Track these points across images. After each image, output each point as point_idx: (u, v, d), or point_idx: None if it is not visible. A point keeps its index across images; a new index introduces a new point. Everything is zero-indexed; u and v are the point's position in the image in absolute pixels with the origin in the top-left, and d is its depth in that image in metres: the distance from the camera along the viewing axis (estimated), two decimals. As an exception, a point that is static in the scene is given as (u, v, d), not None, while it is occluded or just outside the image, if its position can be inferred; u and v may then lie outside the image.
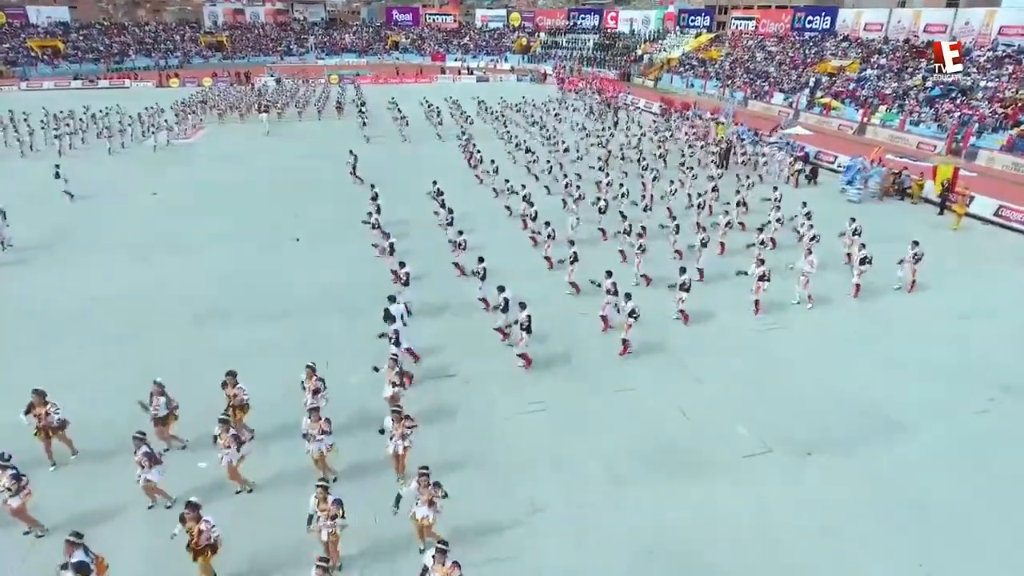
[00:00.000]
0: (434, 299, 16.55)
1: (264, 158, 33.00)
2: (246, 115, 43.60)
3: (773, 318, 15.91)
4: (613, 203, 22.17)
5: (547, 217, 19.77)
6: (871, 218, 22.66)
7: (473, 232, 21.20)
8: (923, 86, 44.18)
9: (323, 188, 27.17)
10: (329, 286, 17.34)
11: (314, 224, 22.48)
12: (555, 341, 14.47)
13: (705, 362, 13.77)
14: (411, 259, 18.67)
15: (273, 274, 18.35)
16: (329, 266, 18.79)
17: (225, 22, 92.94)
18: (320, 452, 9.98)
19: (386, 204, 22.99)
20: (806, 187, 28.16)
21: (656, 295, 16.54)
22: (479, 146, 30.22)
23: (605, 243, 20.44)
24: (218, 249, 20.33)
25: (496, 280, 15.66)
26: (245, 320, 15.62)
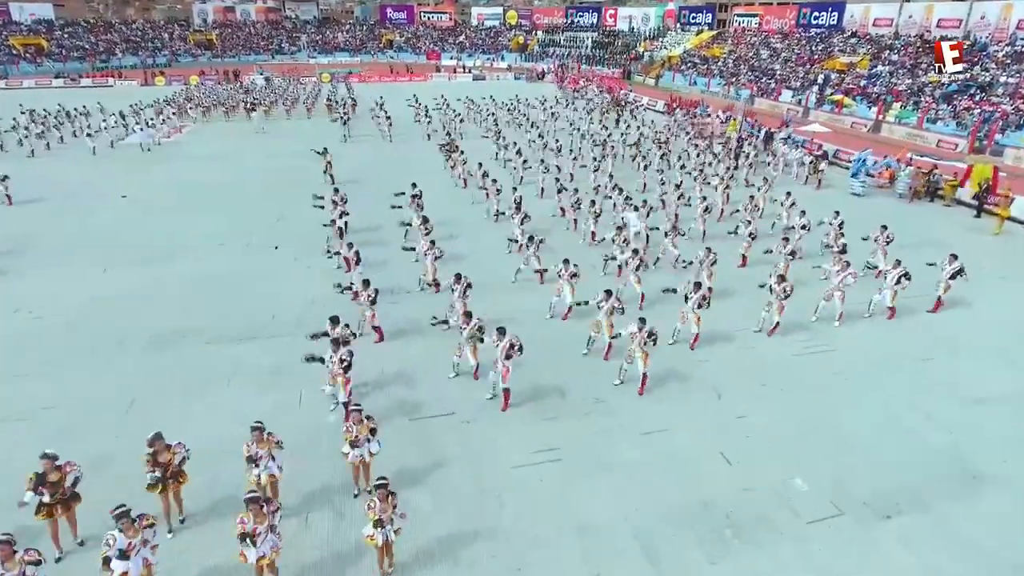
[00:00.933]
0: (419, 316, 14.52)
1: (248, 158, 31.00)
2: (231, 114, 41.57)
3: (809, 337, 13.91)
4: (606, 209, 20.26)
5: (539, 224, 17.89)
6: (900, 221, 20.82)
7: (455, 239, 19.34)
8: (939, 82, 42.37)
9: (309, 189, 24.99)
10: (311, 301, 15.28)
11: (299, 228, 20.44)
12: (562, 369, 12.45)
13: (742, 393, 11.76)
14: (388, 271, 16.84)
15: (249, 286, 16.29)
16: (312, 277, 16.74)
17: (215, 20, 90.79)
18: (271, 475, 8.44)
19: (360, 208, 21.14)
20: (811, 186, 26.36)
21: (666, 312, 14.49)
22: (464, 149, 28.37)
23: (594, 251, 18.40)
24: (190, 257, 18.26)
25: (481, 297, 13.77)
26: (212, 341, 13.57)
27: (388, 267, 17.31)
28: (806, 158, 28.14)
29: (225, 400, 11.51)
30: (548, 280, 15.96)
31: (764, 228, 19.90)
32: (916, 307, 15.26)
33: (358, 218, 20.29)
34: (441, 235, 19.25)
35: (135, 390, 11.87)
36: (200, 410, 11.24)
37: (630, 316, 12.52)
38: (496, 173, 24.28)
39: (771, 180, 24.00)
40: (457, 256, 17.77)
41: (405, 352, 13.14)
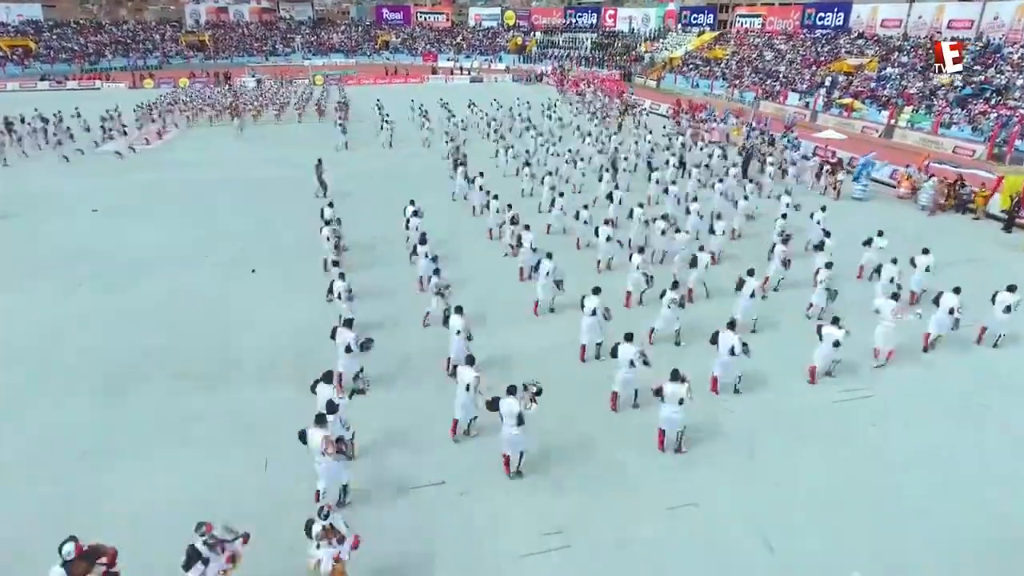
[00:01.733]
0: (410, 355, 12.98)
1: (232, 166, 29.38)
2: (216, 119, 39.88)
3: (848, 380, 12.36)
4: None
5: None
6: (926, 236, 19.38)
7: (457, 261, 17.79)
8: (952, 85, 40.94)
9: (294, 201, 23.55)
10: (289, 336, 13.71)
11: (281, 247, 18.89)
12: (577, 421, 10.92)
13: (778, 452, 10.21)
14: (385, 301, 15.30)
15: (221, 316, 14.73)
16: (292, 304, 15.19)
17: (208, 21, 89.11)
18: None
19: (353, 221, 19.65)
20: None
21: (691, 353, 12.99)
22: (468, 155, 26.83)
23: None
24: (158, 280, 16.68)
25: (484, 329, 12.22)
26: (175, 384, 12.01)
27: (385, 296, 15.75)
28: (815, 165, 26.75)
29: (183, 458, 9.98)
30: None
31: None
32: (957, 339, 13.72)
33: (350, 237, 18.76)
34: (440, 254, 17.80)
35: (86, 438, 10.42)
36: (156, 467, 9.77)
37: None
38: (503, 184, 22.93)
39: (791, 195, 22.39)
40: (458, 281, 16.23)
41: (396, 403, 11.57)
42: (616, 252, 17.26)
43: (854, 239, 17.19)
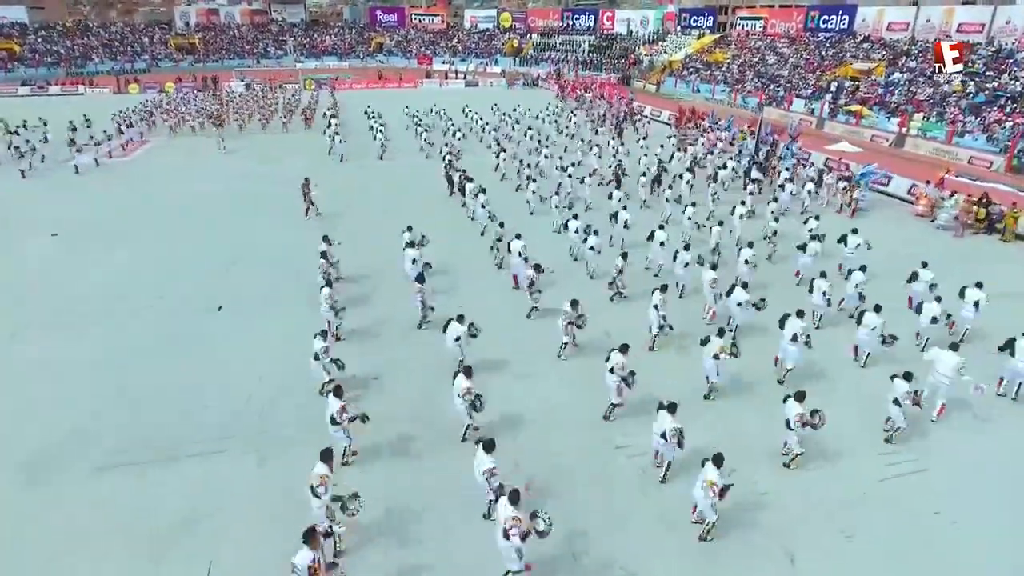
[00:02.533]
0: (400, 417, 11.41)
1: (211, 181, 27.62)
2: (201, 128, 38.14)
3: (892, 451, 10.71)
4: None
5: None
6: (955, 262, 17.94)
7: (455, 292, 16.24)
8: (964, 92, 39.52)
9: (275, 223, 21.87)
10: (248, 402, 11.90)
11: (254, 279, 17.23)
12: (577, 504, 9.35)
13: (824, 555, 8.59)
14: (378, 345, 13.71)
15: (174, 368, 12.87)
16: (259, 354, 13.40)
17: (198, 23, 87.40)
18: None
19: (344, 248, 18.03)
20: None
21: (722, 411, 11.46)
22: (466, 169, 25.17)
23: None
24: (108, 322, 14.86)
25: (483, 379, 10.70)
26: (106, 468, 10.10)
27: (378, 339, 14.18)
28: (832, 180, 25.22)
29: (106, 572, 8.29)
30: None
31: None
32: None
33: (346, 258, 17.21)
34: (439, 285, 16.30)
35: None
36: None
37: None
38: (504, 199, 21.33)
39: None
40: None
41: (386, 478, 9.97)
42: (625, 283, 15.84)
43: (887, 267, 15.73)
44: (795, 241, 18.41)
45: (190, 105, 43.67)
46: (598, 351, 13.36)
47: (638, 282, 16.71)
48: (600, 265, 17.08)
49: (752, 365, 12.52)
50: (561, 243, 19.32)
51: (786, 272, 17.75)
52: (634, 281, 16.54)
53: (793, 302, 13.52)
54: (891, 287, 15.27)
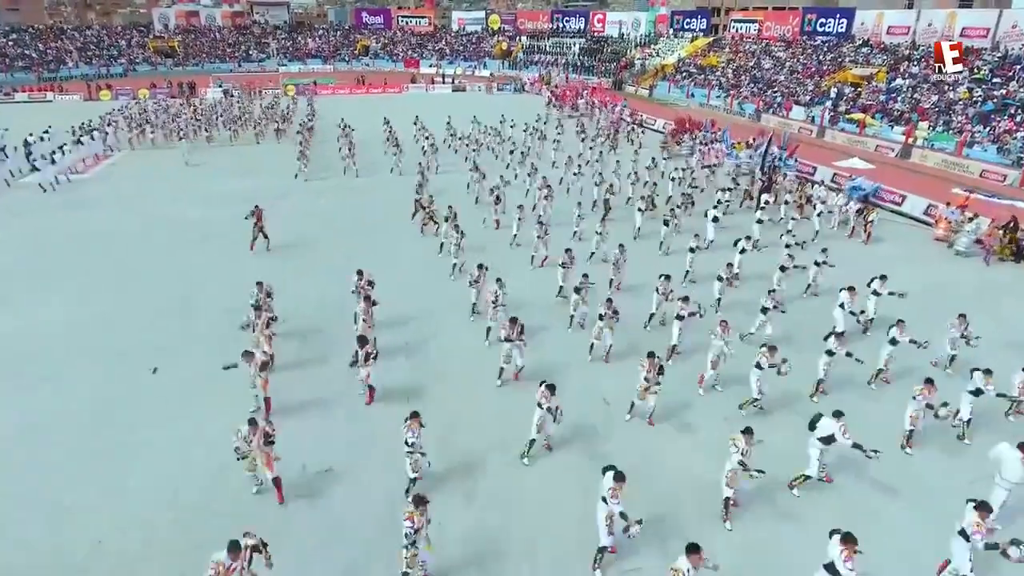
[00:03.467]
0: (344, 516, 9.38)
1: (167, 203, 25.02)
2: (169, 137, 35.77)
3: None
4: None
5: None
6: (987, 296, 16.14)
7: (426, 345, 14.15)
8: (971, 99, 37.85)
9: (232, 254, 19.68)
10: (172, 507, 9.87)
11: (201, 328, 15.09)
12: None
13: None
14: (323, 422, 11.56)
15: (88, 454, 10.72)
16: (195, 438, 11.15)
17: (177, 25, 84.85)
18: None
19: (295, 289, 16.05)
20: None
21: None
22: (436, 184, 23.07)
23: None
24: (15, 389, 12.54)
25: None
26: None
27: (320, 409, 12.09)
28: (845, 202, 23.37)
29: None
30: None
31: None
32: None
33: (288, 310, 15.11)
34: (409, 333, 14.25)
35: None
36: None
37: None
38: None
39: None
40: (421, 389, 12.63)
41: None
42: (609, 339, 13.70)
43: (916, 307, 13.83)
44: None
45: (159, 115, 41.24)
46: (591, 434, 11.46)
47: (636, 336, 14.75)
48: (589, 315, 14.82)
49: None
50: (543, 280, 17.25)
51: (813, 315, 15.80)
52: (633, 334, 14.59)
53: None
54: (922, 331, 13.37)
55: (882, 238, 21.50)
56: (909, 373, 12.73)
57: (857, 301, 14.29)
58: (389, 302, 15.88)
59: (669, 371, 12.04)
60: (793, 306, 15.91)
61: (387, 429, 10.71)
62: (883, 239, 21.49)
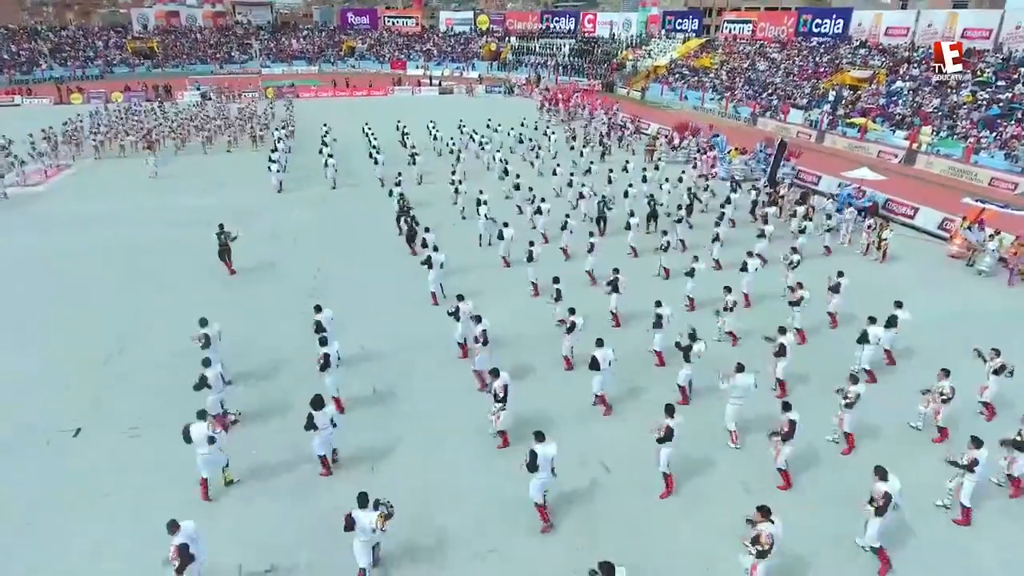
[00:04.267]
0: None
1: (126, 222, 22.84)
2: (135, 146, 33.65)
3: None
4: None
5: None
6: (1008, 322, 14.70)
7: (397, 401, 12.40)
8: (975, 103, 36.52)
9: (188, 285, 17.72)
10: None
11: (141, 378, 13.25)
12: None
13: None
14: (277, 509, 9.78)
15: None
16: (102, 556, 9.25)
17: (157, 26, 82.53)
18: None
19: (258, 321, 14.34)
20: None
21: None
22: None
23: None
24: None
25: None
26: None
27: (270, 490, 10.31)
28: (846, 214, 21.88)
29: None
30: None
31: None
32: None
33: (253, 343, 13.34)
34: (379, 376, 12.53)
35: None
36: None
37: None
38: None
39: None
40: (388, 449, 10.93)
41: None
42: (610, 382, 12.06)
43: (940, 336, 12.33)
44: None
45: (126, 120, 39.16)
46: (587, 512, 9.82)
47: (639, 378, 13.11)
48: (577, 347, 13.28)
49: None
50: (532, 312, 15.62)
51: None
52: (639, 372, 12.96)
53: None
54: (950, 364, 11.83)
55: (897, 255, 19.95)
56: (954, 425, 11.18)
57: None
58: (359, 335, 14.25)
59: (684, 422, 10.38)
60: (811, 340, 14.34)
61: (346, 507, 8.99)
62: (898, 257, 19.95)
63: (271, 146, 30.72)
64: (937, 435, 11.22)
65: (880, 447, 10.97)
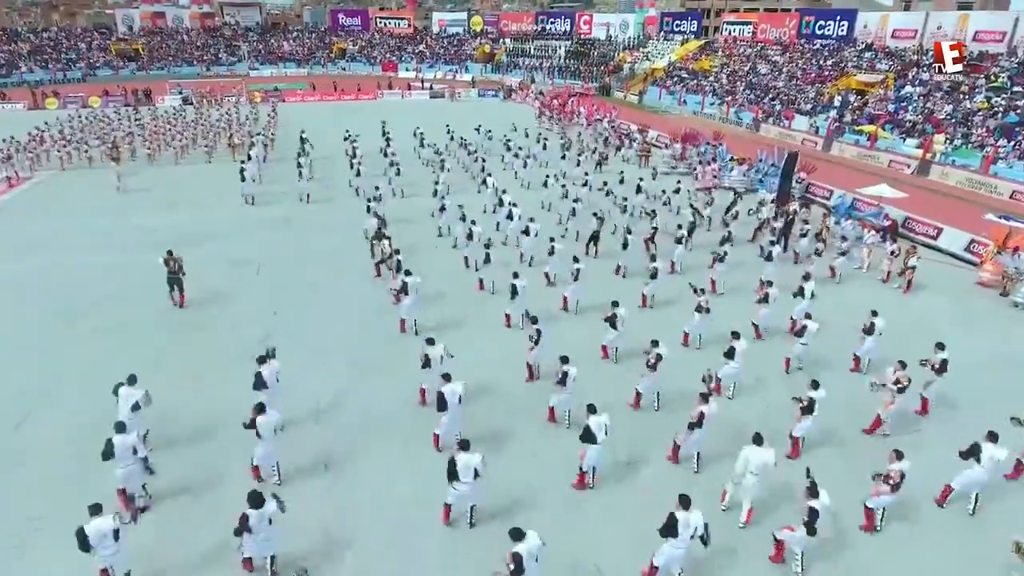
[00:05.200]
0: None
1: (70, 247, 20.42)
2: (98, 160, 31.30)
3: None
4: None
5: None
6: None
7: (352, 475, 10.51)
8: (990, 109, 34.75)
9: (131, 322, 15.63)
10: None
11: (48, 442, 11.29)
12: None
13: None
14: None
15: None
16: None
17: (143, 27, 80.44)
18: None
19: (197, 377, 12.45)
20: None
21: None
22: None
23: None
24: None
25: None
26: None
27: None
28: (866, 235, 20.03)
29: None
30: None
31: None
32: None
33: (192, 408, 11.43)
34: (332, 446, 10.69)
35: None
36: None
37: None
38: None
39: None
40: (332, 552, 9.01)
41: None
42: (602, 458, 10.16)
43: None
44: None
45: (92, 130, 36.94)
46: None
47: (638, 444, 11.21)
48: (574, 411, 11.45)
49: None
50: (518, 351, 13.72)
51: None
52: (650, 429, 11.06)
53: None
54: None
55: (921, 283, 18.07)
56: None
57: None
58: (315, 391, 12.32)
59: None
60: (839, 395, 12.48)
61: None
62: (923, 285, 18.06)
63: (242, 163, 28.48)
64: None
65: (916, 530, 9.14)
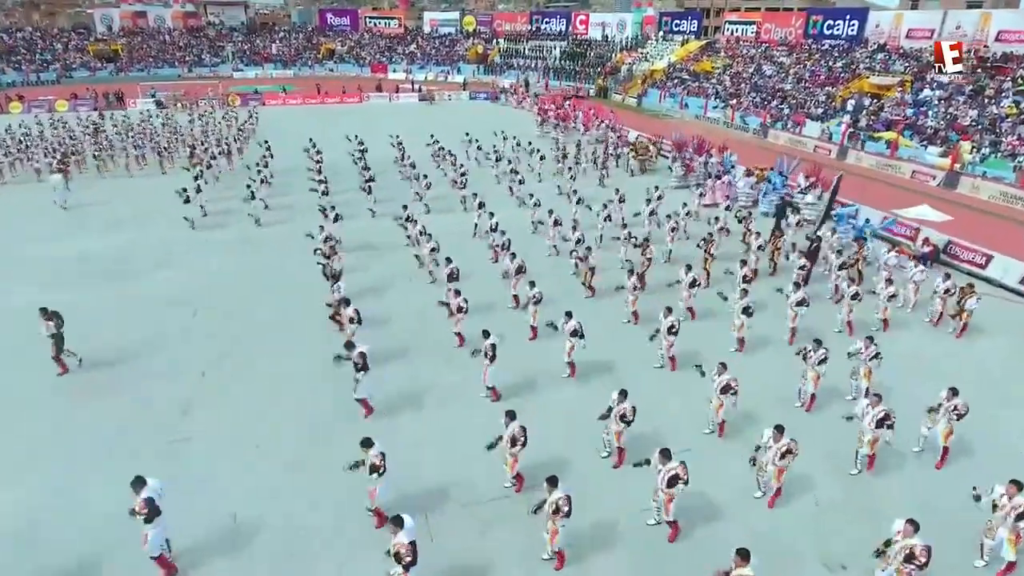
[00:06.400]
0: None
1: (20, 272, 18.01)
2: (46, 172, 28.37)
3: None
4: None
5: None
6: None
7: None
8: (1019, 115, 32.09)
9: (15, 400, 12.77)
10: None
11: None
12: None
13: None
14: None
15: None
16: None
17: (122, 27, 77.49)
18: None
19: (86, 474, 9.67)
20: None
21: None
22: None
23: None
24: None
25: None
26: None
27: None
28: (909, 264, 17.23)
29: None
30: None
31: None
32: None
33: (76, 521, 8.64)
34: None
35: None
36: None
37: None
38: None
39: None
40: None
41: None
42: None
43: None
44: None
45: (39, 138, 33.89)
46: None
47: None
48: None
49: None
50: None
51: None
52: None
53: None
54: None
55: (976, 325, 15.29)
56: None
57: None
58: (235, 500, 9.53)
59: None
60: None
61: None
62: (978, 328, 15.29)
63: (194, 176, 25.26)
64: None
65: None
